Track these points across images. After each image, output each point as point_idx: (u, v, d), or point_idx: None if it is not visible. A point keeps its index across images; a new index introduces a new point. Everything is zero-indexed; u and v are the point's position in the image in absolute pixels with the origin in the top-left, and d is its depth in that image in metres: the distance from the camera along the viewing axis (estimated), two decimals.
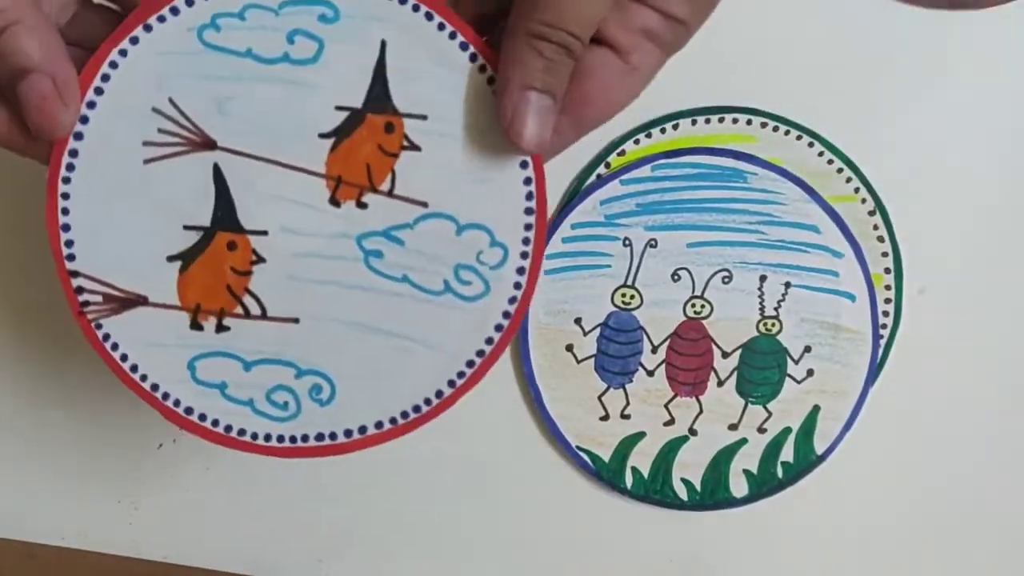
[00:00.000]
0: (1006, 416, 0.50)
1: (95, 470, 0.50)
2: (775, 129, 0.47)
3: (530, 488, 0.50)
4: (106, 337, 0.35)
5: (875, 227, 0.48)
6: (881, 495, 0.50)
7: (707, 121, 0.47)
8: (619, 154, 0.47)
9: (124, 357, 0.36)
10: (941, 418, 0.50)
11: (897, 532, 0.50)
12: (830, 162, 0.47)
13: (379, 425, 0.36)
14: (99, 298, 0.35)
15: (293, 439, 0.36)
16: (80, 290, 0.35)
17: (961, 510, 0.51)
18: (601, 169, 0.47)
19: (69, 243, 0.34)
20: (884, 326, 0.49)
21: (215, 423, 0.36)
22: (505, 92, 0.33)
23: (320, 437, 0.36)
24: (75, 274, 0.35)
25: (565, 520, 0.50)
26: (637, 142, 0.47)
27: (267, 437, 0.36)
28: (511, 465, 0.50)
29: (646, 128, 0.47)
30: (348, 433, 0.36)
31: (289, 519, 0.50)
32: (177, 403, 0.36)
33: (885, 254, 0.48)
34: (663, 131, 0.47)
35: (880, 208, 0.48)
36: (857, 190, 0.48)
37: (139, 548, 0.51)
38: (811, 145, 0.47)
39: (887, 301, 0.49)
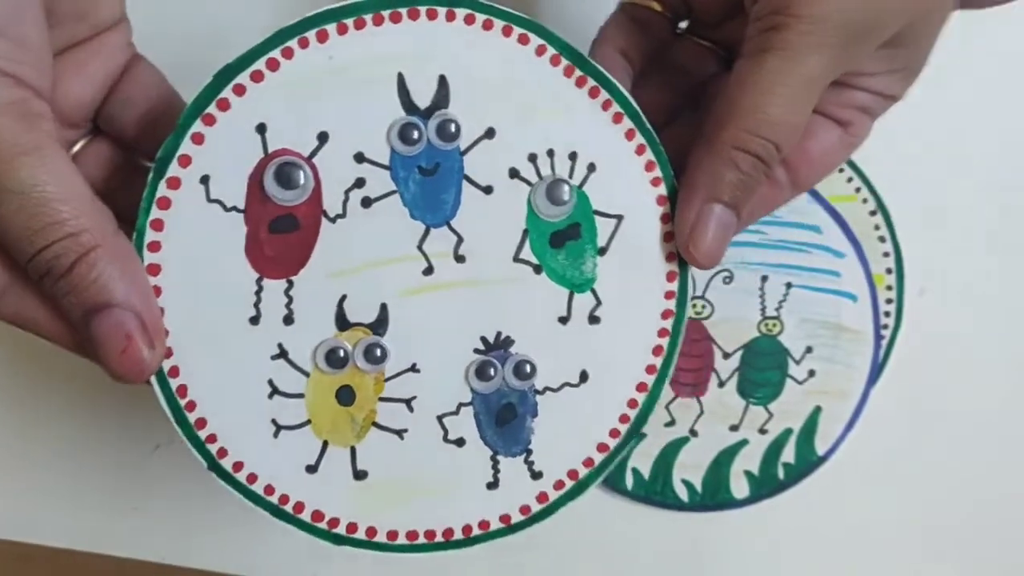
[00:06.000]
0: (1008, 417, 0.50)
1: (93, 471, 0.50)
2: None
3: None
4: None
5: (876, 227, 0.48)
6: (882, 496, 0.50)
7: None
8: None
9: None
10: (942, 418, 0.50)
11: (899, 533, 0.50)
12: None
13: None
14: None
15: None
16: None
17: (963, 511, 0.50)
18: None
19: None
20: (886, 326, 0.49)
21: None
22: (688, 202, 0.32)
23: None
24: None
25: (562, 519, 0.50)
26: None
27: None
28: None
29: None
30: None
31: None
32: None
33: (886, 254, 0.48)
34: None
35: (881, 208, 0.48)
36: (858, 190, 0.48)
37: (137, 549, 0.50)
38: None
39: (888, 301, 0.48)
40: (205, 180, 0.30)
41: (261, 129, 0.30)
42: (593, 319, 0.33)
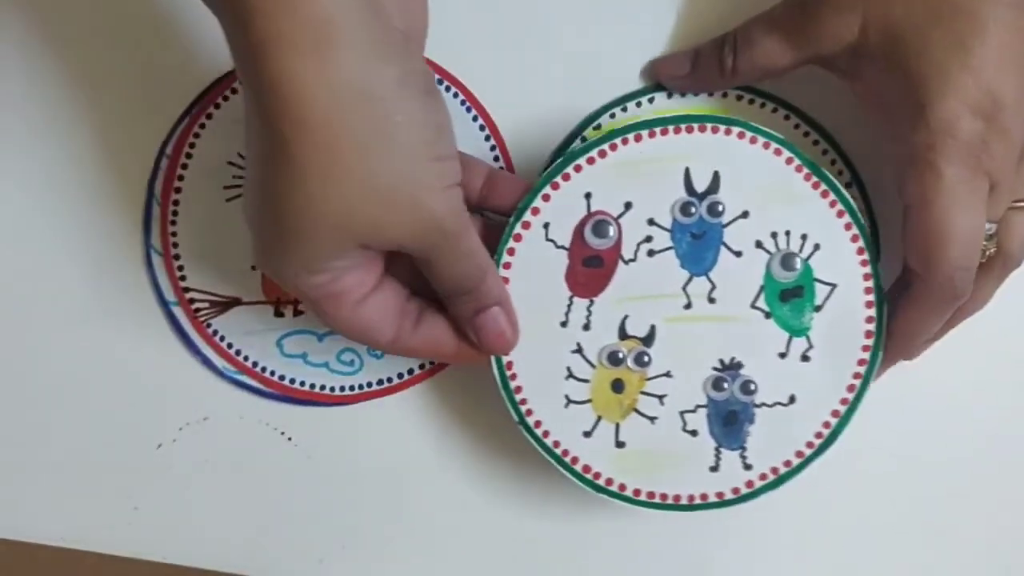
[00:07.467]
0: (1005, 410, 0.50)
1: (95, 470, 0.50)
2: (751, 102, 0.48)
3: (530, 488, 0.50)
4: (214, 332, 0.49)
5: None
6: (880, 491, 0.50)
7: (683, 95, 0.48)
8: (595, 128, 0.48)
9: (229, 345, 0.49)
10: (939, 412, 0.50)
11: (896, 528, 0.50)
12: (806, 134, 0.48)
13: (422, 366, 0.49)
14: (206, 304, 0.49)
15: (360, 387, 0.49)
16: (192, 300, 0.49)
17: (960, 506, 0.50)
18: (577, 143, 0.48)
19: (181, 267, 0.49)
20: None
21: (301, 384, 0.49)
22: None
23: (380, 382, 0.49)
24: (187, 290, 0.49)
25: (563, 519, 0.50)
26: (613, 116, 0.48)
27: (341, 388, 0.49)
28: (512, 466, 0.50)
29: (622, 102, 0.48)
30: (400, 375, 0.49)
31: (289, 519, 0.50)
32: (272, 373, 0.49)
33: None
34: (639, 105, 0.48)
35: (864, 197, 0.48)
36: (841, 173, 0.48)
37: (139, 548, 0.50)
38: (787, 118, 0.48)
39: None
40: (546, 226, 0.43)
41: (588, 196, 0.43)
42: (805, 358, 0.44)
